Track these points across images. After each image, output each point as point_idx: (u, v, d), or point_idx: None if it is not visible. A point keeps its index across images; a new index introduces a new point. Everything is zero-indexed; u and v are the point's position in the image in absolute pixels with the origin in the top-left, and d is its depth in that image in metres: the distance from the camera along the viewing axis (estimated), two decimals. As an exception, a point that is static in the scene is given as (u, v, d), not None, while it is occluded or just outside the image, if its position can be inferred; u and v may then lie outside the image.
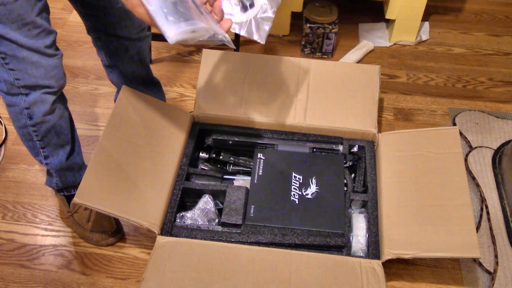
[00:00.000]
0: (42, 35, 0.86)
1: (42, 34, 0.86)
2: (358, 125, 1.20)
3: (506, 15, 1.77)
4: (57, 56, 0.91)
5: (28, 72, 0.88)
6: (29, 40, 0.84)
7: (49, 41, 0.88)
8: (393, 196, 1.07)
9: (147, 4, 0.70)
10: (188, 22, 0.72)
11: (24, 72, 0.88)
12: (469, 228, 0.98)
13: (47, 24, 0.87)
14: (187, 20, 0.72)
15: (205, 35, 0.74)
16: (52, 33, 0.89)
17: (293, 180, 1.12)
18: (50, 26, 0.88)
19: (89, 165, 0.98)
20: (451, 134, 1.12)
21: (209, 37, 0.75)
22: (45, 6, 0.87)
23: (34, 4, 0.83)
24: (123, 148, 1.05)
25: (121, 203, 0.99)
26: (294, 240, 1.02)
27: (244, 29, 0.86)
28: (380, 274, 0.95)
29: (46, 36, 0.87)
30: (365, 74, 1.24)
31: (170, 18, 0.71)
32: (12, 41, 0.83)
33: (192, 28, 0.72)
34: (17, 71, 0.88)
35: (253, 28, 0.84)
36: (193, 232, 1.03)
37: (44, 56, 0.88)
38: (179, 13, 0.72)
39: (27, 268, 1.08)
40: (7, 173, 1.26)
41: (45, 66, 0.89)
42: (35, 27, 0.84)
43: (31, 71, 0.88)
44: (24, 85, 0.90)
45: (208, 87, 1.24)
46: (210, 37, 0.76)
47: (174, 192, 1.09)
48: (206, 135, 1.24)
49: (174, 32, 0.70)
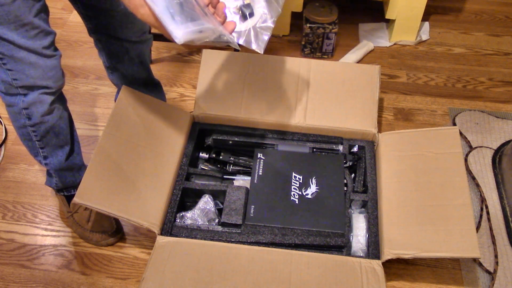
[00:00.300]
0: (40, 36, 0.86)
1: (40, 35, 0.86)
2: (358, 125, 1.20)
3: (506, 15, 1.77)
4: (55, 57, 0.91)
5: (26, 72, 0.88)
6: (26, 41, 0.84)
7: (47, 42, 0.88)
8: (393, 196, 1.07)
9: (153, 5, 0.69)
10: (196, 22, 0.71)
11: (22, 72, 0.88)
12: (469, 228, 0.98)
13: (46, 25, 0.87)
14: (194, 20, 0.71)
15: (211, 36, 0.74)
16: (51, 34, 0.89)
17: (293, 180, 1.12)
18: (48, 27, 0.88)
19: (89, 165, 0.99)
20: (451, 134, 1.12)
21: (215, 38, 0.75)
22: (43, 7, 0.86)
23: (32, 5, 0.83)
24: (123, 148, 1.05)
25: (121, 203, 0.99)
26: (294, 240, 1.02)
27: (243, 38, 0.86)
28: (380, 274, 0.95)
29: (44, 37, 0.87)
30: (365, 74, 1.24)
31: (177, 18, 0.70)
32: (9, 42, 0.83)
33: (200, 28, 0.71)
34: (15, 72, 0.88)
35: (252, 37, 0.83)
36: (193, 232, 1.03)
37: (41, 57, 0.88)
38: (186, 13, 0.71)
39: (27, 268, 1.08)
40: (7, 173, 1.26)
41: (42, 67, 0.89)
42: (32, 28, 0.84)
43: (29, 72, 0.88)
44: (22, 86, 0.90)
45: (208, 87, 1.24)
46: (216, 38, 0.75)
47: (174, 192, 1.09)
48: (206, 135, 1.24)
49: (182, 32, 0.69)
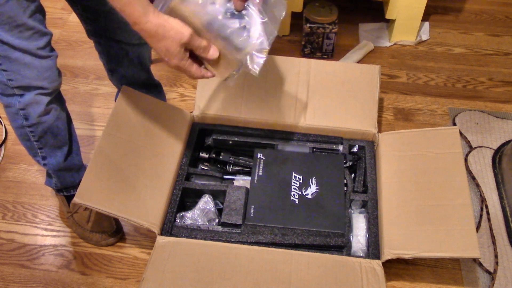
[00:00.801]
0: (36, 37, 0.86)
1: (35, 35, 0.85)
2: (358, 125, 1.20)
3: (506, 15, 1.77)
4: (51, 57, 0.90)
5: (21, 73, 0.88)
6: (21, 41, 0.84)
7: (43, 43, 0.87)
8: (393, 196, 1.07)
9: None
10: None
11: (17, 73, 0.88)
12: (469, 228, 0.98)
13: (41, 26, 0.86)
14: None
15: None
16: (46, 34, 0.88)
17: (293, 180, 1.12)
18: (44, 28, 0.87)
19: (88, 166, 0.99)
20: (451, 134, 1.12)
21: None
22: (38, 8, 0.86)
23: (27, 6, 0.83)
24: (123, 149, 1.05)
25: (121, 203, 0.99)
26: (294, 240, 1.02)
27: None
28: (380, 274, 0.95)
29: (40, 37, 0.87)
30: (365, 74, 1.24)
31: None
32: (4, 43, 0.83)
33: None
34: (10, 72, 0.87)
35: (248, 59, 0.82)
36: (193, 232, 1.03)
37: (36, 58, 0.87)
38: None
39: (27, 268, 1.08)
40: (7, 173, 1.26)
41: (38, 68, 0.88)
42: (27, 29, 0.84)
43: (24, 72, 0.88)
44: (17, 86, 0.90)
45: (207, 87, 1.24)
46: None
47: (174, 192, 1.09)
48: (206, 135, 1.24)
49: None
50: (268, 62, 1.26)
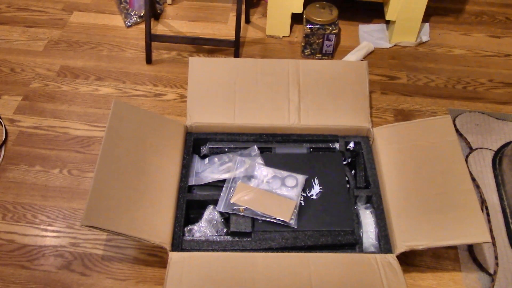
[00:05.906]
0: None
1: None
2: (352, 122, 1.20)
3: (507, 16, 1.77)
4: None
5: None
6: None
7: None
8: (397, 188, 1.07)
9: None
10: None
11: None
12: (476, 213, 0.98)
13: None
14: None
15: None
16: None
17: (294, 181, 1.12)
18: None
19: (92, 187, 0.97)
20: (444, 123, 1.13)
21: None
22: None
23: None
24: (123, 166, 1.04)
25: (130, 221, 0.98)
26: (306, 242, 1.02)
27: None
28: (397, 267, 0.96)
29: None
30: (353, 70, 1.25)
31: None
32: None
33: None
34: None
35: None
36: (204, 245, 1.02)
37: None
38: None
39: (27, 269, 1.08)
40: (7, 174, 1.26)
41: None
42: None
43: None
44: None
45: (198, 96, 1.23)
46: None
47: (179, 205, 1.07)
48: (201, 145, 1.22)
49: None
50: (257, 65, 1.25)
